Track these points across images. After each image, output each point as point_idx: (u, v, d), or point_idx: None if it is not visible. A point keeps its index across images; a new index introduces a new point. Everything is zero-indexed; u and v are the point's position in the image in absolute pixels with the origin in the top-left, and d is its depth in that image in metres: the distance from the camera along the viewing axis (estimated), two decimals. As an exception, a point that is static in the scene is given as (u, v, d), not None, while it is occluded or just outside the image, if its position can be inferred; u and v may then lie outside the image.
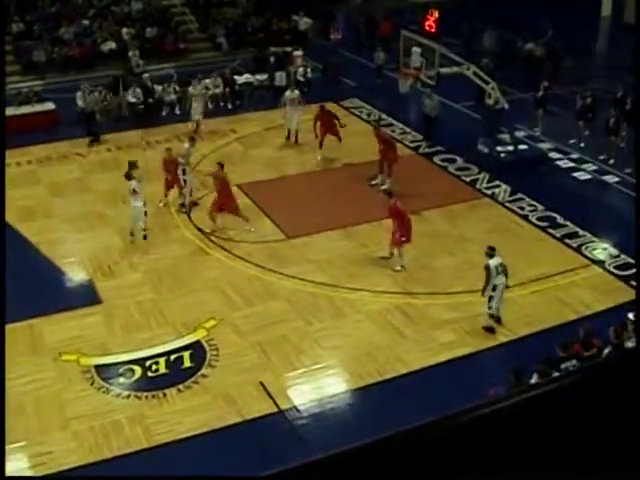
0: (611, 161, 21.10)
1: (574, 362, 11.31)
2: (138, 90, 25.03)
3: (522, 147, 21.95)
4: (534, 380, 10.47)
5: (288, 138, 22.68)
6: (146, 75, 25.94)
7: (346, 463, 2.15)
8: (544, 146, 22.49)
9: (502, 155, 21.45)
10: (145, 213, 17.27)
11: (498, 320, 14.34)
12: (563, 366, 11.22)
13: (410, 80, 23.36)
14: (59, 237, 17.86)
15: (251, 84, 26.90)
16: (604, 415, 2.34)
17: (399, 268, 16.23)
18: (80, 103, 24.27)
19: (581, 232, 17.70)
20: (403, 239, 16.09)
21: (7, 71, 26.87)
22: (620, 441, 2.34)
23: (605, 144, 21.41)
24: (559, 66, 26.89)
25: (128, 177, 17.26)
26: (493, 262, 13.93)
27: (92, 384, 13.01)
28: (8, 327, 13.59)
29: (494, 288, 13.97)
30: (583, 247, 17.13)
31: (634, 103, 21.16)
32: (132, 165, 17.70)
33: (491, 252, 14.03)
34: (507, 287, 14.21)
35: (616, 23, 35.53)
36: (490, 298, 14.09)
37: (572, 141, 22.38)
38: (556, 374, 9.45)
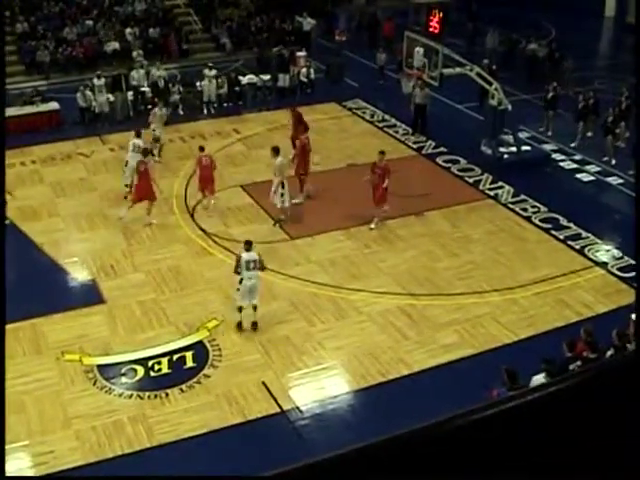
0: (613, 161, 21.08)
1: (579, 363, 11.29)
2: (159, 73, 25.37)
3: (525, 148, 21.94)
4: (542, 380, 10.43)
5: None
6: (163, 73, 25.89)
7: (348, 464, 2.15)
8: (547, 147, 22.49)
9: (505, 156, 21.44)
10: None
11: (239, 325, 14.36)
12: (571, 367, 11.18)
13: (413, 80, 23.36)
14: (62, 237, 17.88)
15: (254, 84, 26.90)
16: (606, 418, 2.34)
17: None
18: (81, 103, 24.31)
19: (584, 234, 17.69)
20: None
21: (11, 71, 26.96)
22: (621, 443, 2.34)
23: (603, 144, 21.43)
24: (560, 67, 26.89)
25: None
26: (245, 256, 13.96)
27: (94, 384, 13.02)
28: (11, 326, 13.65)
29: (241, 281, 14.07)
30: (586, 249, 17.11)
31: (633, 103, 21.16)
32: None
33: (247, 246, 14.08)
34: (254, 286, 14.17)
35: (620, 24, 35.50)
36: (238, 289, 14.22)
37: (574, 144, 22.35)
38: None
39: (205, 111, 25.50)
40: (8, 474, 2.43)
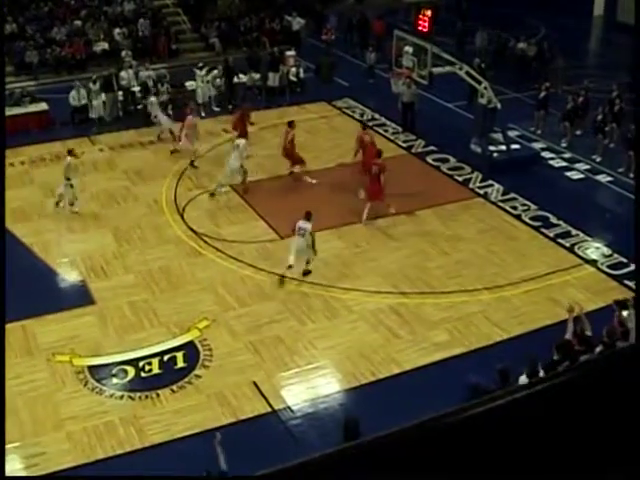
0: (598, 159, 21.15)
1: (567, 364, 11.31)
2: (147, 73, 25.49)
3: (515, 147, 21.98)
4: (522, 382, 10.45)
5: None
6: (151, 73, 25.78)
7: (340, 463, 2.16)
8: (537, 145, 22.53)
9: (495, 155, 21.46)
10: None
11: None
12: (560, 369, 11.17)
13: (402, 79, 23.38)
14: (52, 238, 17.83)
15: (244, 84, 26.83)
16: (599, 412, 2.35)
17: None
18: (73, 102, 24.22)
19: (574, 231, 17.74)
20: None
21: None
22: (615, 438, 2.36)
23: (592, 143, 21.49)
24: (548, 65, 26.95)
25: None
26: (299, 223, 15.59)
27: (85, 385, 13.00)
28: (1, 328, 13.58)
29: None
30: (576, 246, 17.16)
31: (626, 104, 21.23)
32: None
33: (306, 216, 15.78)
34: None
35: (609, 22, 35.59)
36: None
37: (564, 142, 22.40)
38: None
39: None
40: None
